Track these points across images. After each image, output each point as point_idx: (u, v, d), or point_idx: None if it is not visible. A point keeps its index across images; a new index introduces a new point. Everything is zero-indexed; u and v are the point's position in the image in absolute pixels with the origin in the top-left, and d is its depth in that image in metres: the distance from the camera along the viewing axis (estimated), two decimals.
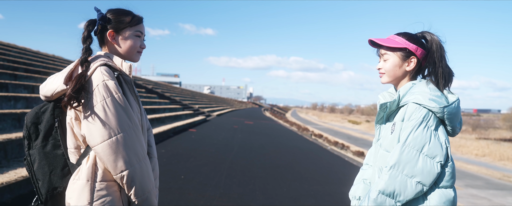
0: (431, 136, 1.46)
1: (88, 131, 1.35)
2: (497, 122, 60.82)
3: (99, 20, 1.47)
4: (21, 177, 3.79)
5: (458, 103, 1.53)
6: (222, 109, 34.46)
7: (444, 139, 1.49)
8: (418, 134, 1.46)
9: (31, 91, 7.67)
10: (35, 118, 1.46)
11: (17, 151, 4.56)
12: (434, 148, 1.45)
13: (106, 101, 1.36)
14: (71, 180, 1.41)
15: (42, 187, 1.43)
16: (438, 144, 1.46)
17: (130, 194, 1.41)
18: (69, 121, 1.42)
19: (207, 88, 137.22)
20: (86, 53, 1.42)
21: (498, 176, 16.59)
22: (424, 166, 1.44)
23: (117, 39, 1.52)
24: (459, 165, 19.33)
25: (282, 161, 7.99)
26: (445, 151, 1.47)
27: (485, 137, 39.51)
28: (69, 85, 1.35)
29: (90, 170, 1.38)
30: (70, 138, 1.44)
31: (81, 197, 1.36)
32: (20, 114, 5.53)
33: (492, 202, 11.13)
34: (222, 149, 8.87)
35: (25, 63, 10.39)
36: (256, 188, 5.17)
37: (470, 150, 26.06)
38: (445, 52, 1.58)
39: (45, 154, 1.42)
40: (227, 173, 5.99)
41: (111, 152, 1.35)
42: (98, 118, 1.34)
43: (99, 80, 1.37)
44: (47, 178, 1.42)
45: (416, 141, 1.45)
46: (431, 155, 1.45)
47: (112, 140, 1.35)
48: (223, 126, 16.52)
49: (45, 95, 1.47)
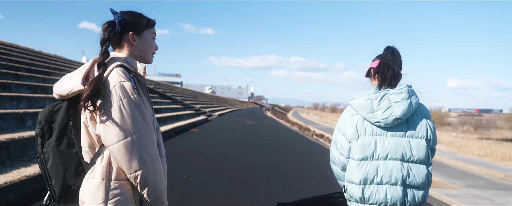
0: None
1: (104, 131, 1.37)
2: (499, 122, 60.69)
3: (118, 22, 1.49)
4: (24, 176, 3.80)
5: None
6: (223, 109, 34.47)
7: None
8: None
9: (34, 91, 7.69)
10: (49, 116, 1.46)
11: (20, 150, 4.58)
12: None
13: (123, 102, 1.38)
14: (85, 178, 1.42)
15: (55, 185, 1.44)
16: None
17: (143, 193, 1.43)
18: (84, 120, 1.44)
19: (208, 88, 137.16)
20: (104, 56, 1.43)
21: (500, 176, 16.55)
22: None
23: (136, 41, 1.55)
24: (460, 165, 19.30)
25: (283, 161, 8.00)
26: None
27: (487, 137, 39.42)
28: (87, 86, 1.36)
29: (105, 169, 1.39)
30: (84, 137, 1.45)
31: (96, 195, 1.38)
32: (23, 114, 5.55)
33: (494, 202, 11.10)
34: (224, 148, 8.89)
35: (27, 63, 10.42)
36: (258, 188, 5.18)
37: (472, 150, 25.99)
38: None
39: (60, 152, 1.44)
40: (229, 173, 6.01)
41: (126, 152, 1.36)
42: (115, 118, 1.36)
43: (116, 81, 1.39)
44: (61, 176, 1.43)
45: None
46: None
47: (128, 140, 1.37)
48: (225, 125, 16.53)
49: (60, 94, 1.47)
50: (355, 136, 1.86)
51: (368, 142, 1.83)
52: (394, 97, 1.83)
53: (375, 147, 1.81)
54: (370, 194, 1.80)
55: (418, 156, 1.80)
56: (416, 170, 1.79)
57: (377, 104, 1.83)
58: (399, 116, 1.79)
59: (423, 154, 1.81)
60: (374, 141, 1.83)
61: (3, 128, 5.08)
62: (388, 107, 1.81)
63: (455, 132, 44.11)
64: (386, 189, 1.78)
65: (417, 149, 1.81)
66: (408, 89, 1.85)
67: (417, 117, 1.87)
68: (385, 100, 1.83)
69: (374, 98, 1.85)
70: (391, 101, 1.83)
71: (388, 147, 1.81)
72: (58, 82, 1.50)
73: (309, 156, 9.44)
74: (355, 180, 1.83)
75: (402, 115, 1.79)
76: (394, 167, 1.79)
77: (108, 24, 1.48)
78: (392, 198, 1.77)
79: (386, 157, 1.80)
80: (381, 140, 1.83)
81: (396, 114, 1.79)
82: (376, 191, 1.79)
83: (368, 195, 1.80)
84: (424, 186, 1.80)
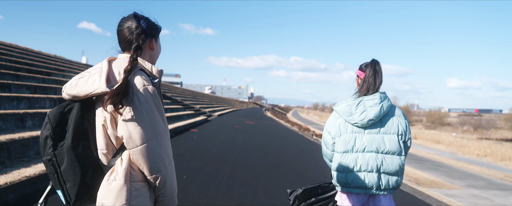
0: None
1: (128, 133, 1.38)
2: (499, 122, 60.67)
3: (146, 28, 1.53)
4: (24, 177, 3.80)
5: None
6: (223, 109, 34.47)
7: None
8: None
9: (34, 91, 7.69)
10: (60, 117, 1.43)
11: (20, 151, 4.58)
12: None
13: (147, 105, 1.41)
14: (105, 181, 1.41)
15: (71, 189, 1.41)
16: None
17: (160, 194, 1.48)
18: (103, 123, 1.43)
19: (208, 88, 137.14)
20: (135, 62, 1.44)
21: (500, 176, 16.56)
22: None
23: (154, 46, 1.60)
24: (460, 165, 19.31)
25: (283, 161, 8.00)
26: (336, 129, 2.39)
27: (487, 137, 39.42)
28: (115, 88, 1.37)
29: (127, 171, 1.41)
30: (102, 139, 1.44)
31: (119, 197, 1.39)
32: (23, 114, 5.55)
33: (493, 203, 11.11)
34: (224, 149, 8.89)
35: (27, 64, 10.42)
36: (258, 188, 5.18)
37: (472, 150, 26.00)
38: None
39: (77, 155, 1.40)
40: (229, 173, 6.01)
41: (149, 154, 1.39)
42: (139, 121, 1.38)
43: (140, 85, 1.41)
44: (78, 180, 1.40)
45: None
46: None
47: (151, 142, 1.40)
48: (225, 126, 16.53)
49: (76, 95, 1.44)
50: (338, 133, 2.35)
51: (349, 138, 2.30)
52: (369, 103, 2.28)
53: (354, 142, 2.28)
54: (352, 179, 2.27)
55: (390, 149, 2.25)
56: (389, 160, 2.24)
57: (355, 109, 2.30)
58: (372, 117, 2.25)
59: (395, 147, 2.25)
60: (354, 138, 2.29)
61: (3, 128, 5.08)
62: (363, 110, 2.27)
63: (455, 132, 44.14)
64: (364, 176, 2.24)
65: (390, 143, 2.25)
66: (381, 96, 2.30)
67: (389, 117, 2.31)
68: (361, 106, 2.29)
69: (352, 104, 2.31)
70: (366, 106, 2.28)
71: (365, 142, 2.27)
72: (73, 83, 1.46)
73: (309, 156, 9.44)
74: (340, 169, 2.31)
75: (375, 117, 2.25)
76: (370, 158, 2.24)
77: (141, 31, 1.50)
78: (369, 183, 2.24)
79: (364, 150, 2.26)
80: (360, 136, 2.29)
81: (370, 116, 2.25)
82: (356, 177, 2.25)
83: (350, 180, 2.27)
84: (396, 173, 2.25)
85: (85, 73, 1.48)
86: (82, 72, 1.50)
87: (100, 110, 1.43)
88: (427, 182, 12.78)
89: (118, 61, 1.51)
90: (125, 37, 1.52)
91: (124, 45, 1.54)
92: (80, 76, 1.46)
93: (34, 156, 4.80)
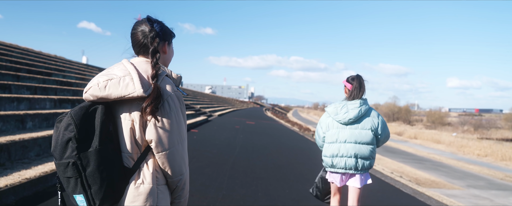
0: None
1: (158, 137, 1.42)
2: (499, 121, 60.58)
3: (160, 32, 1.54)
4: (25, 179, 3.79)
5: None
6: (223, 109, 34.46)
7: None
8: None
9: (34, 92, 7.68)
10: (84, 118, 1.38)
11: (20, 152, 4.58)
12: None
13: (177, 111, 1.47)
14: (132, 184, 1.42)
15: (97, 193, 1.36)
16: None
17: (177, 195, 1.55)
18: (131, 126, 1.43)
19: (209, 88, 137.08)
20: (157, 67, 1.47)
21: (500, 176, 16.53)
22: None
23: (167, 50, 1.63)
24: (461, 165, 19.29)
25: (284, 162, 8.00)
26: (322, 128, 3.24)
27: (487, 137, 39.38)
28: (152, 93, 1.40)
29: (154, 175, 1.45)
30: (128, 142, 1.44)
31: (148, 200, 1.42)
32: (23, 115, 5.55)
33: (494, 203, 11.09)
34: (224, 149, 8.88)
35: (27, 64, 10.41)
36: (258, 190, 5.18)
37: (472, 150, 25.95)
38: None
39: (104, 158, 1.37)
40: (229, 174, 6.00)
41: (175, 158, 1.46)
42: (169, 125, 1.44)
43: (170, 91, 1.47)
44: (105, 183, 1.37)
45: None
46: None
47: (177, 147, 1.47)
48: (225, 126, 16.52)
49: (105, 97, 1.41)
50: (327, 128, 3.18)
51: (335, 132, 3.11)
52: (351, 106, 3.07)
53: (338, 135, 3.08)
54: (336, 162, 3.09)
55: (365, 140, 3.03)
56: (364, 148, 3.03)
57: (340, 110, 3.09)
58: (352, 117, 3.03)
59: (369, 139, 3.03)
60: (338, 132, 3.09)
61: (3, 129, 5.08)
62: (346, 112, 3.05)
63: (455, 132, 44.09)
64: (345, 160, 3.05)
65: (365, 136, 3.03)
66: (360, 102, 3.05)
67: (366, 117, 3.06)
68: (344, 108, 3.08)
69: (339, 107, 3.11)
70: (348, 109, 3.06)
71: (346, 135, 3.05)
72: (101, 84, 1.42)
73: (309, 157, 9.42)
74: (328, 155, 3.14)
75: (354, 117, 3.03)
76: (350, 147, 3.03)
77: (155, 35, 1.52)
78: (348, 165, 3.05)
79: (345, 141, 3.06)
80: (343, 131, 3.08)
81: (350, 116, 3.03)
82: (339, 161, 3.07)
83: (335, 163, 3.10)
84: (369, 157, 3.05)
85: (112, 75, 1.44)
86: (105, 74, 1.46)
87: (127, 113, 1.44)
88: (428, 182, 12.76)
89: (137, 64, 1.50)
90: (138, 41, 1.54)
91: (137, 48, 1.56)
92: (108, 78, 1.43)
93: (34, 158, 4.80)
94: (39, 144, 4.99)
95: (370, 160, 3.05)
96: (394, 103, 78.87)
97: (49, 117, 6.28)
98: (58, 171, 1.39)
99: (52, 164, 4.55)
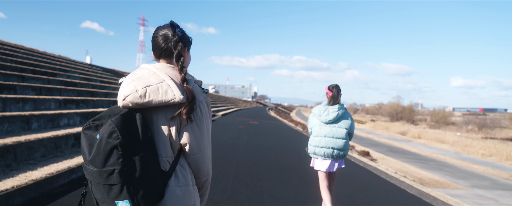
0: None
1: (191, 140, 1.51)
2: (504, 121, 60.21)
3: (182, 36, 1.58)
4: (31, 180, 3.80)
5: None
6: (227, 109, 34.48)
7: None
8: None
9: (39, 93, 7.71)
10: (126, 124, 1.39)
11: (26, 153, 4.59)
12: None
13: (207, 116, 1.56)
14: (173, 186, 1.49)
15: (143, 198, 1.39)
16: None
17: (203, 193, 1.66)
18: (168, 131, 1.49)
19: (212, 87, 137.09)
20: (185, 71, 1.53)
21: (505, 176, 16.45)
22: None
23: (187, 56, 1.64)
24: (465, 165, 19.20)
25: (288, 162, 7.99)
26: (310, 125, 4.07)
27: (492, 136, 39.15)
28: (190, 99, 1.47)
29: (190, 176, 1.56)
30: (164, 146, 1.49)
31: (189, 200, 1.53)
32: (29, 116, 5.56)
33: (499, 203, 11.03)
34: (228, 150, 8.88)
35: (32, 65, 10.44)
36: (263, 191, 5.17)
37: (477, 150, 25.83)
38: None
39: (149, 163, 1.41)
40: (234, 175, 6.00)
41: (205, 160, 1.57)
42: (202, 130, 1.53)
43: (201, 97, 1.55)
44: (152, 188, 1.42)
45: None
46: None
47: (208, 149, 1.58)
48: (229, 126, 16.53)
49: (146, 104, 1.43)
50: (313, 125, 4.00)
51: (318, 128, 3.92)
52: (331, 109, 3.87)
53: (320, 131, 3.90)
54: (318, 151, 3.92)
55: (340, 135, 3.84)
56: (340, 142, 3.85)
57: (323, 113, 3.90)
58: (331, 119, 3.84)
59: (343, 135, 3.84)
60: (320, 128, 3.91)
61: (9, 130, 5.09)
62: (327, 114, 3.86)
63: (459, 132, 43.89)
64: (324, 150, 3.87)
65: (340, 132, 3.84)
66: (339, 107, 3.85)
67: (342, 119, 3.88)
68: (326, 111, 3.89)
69: (322, 109, 3.92)
70: (329, 112, 3.86)
71: (326, 131, 3.87)
72: (140, 91, 1.42)
73: None
74: (312, 144, 3.98)
75: (333, 118, 3.83)
76: (328, 140, 3.86)
77: (178, 39, 1.55)
78: (326, 154, 3.87)
79: (325, 136, 3.87)
80: (324, 128, 3.89)
81: (330, 118, 3.85)
82: (320, 150, 3.90)
83: (317, 152, 3.93)
84: (343, 149, 3.86)
85: (147, 81, 1.45)
86: (139, 79, 1.47)
87: (163, 118, 1.48)
88: (432, 182, 12.72)
89: (162, 70, 1.51)
90: (159, 45, 1.56)
91: (158, 52, 1.58)
92: (145, 84, 1.44)
93: (40, 159, 4.81)
94: (44, 144, 5.01)
95: (344, 151, 3.89)
96: (398, 102, 78.66)
97: (54, 117, 6.30)
98: (97, 179, 1.36)
99: (58, 165, 4.56)
